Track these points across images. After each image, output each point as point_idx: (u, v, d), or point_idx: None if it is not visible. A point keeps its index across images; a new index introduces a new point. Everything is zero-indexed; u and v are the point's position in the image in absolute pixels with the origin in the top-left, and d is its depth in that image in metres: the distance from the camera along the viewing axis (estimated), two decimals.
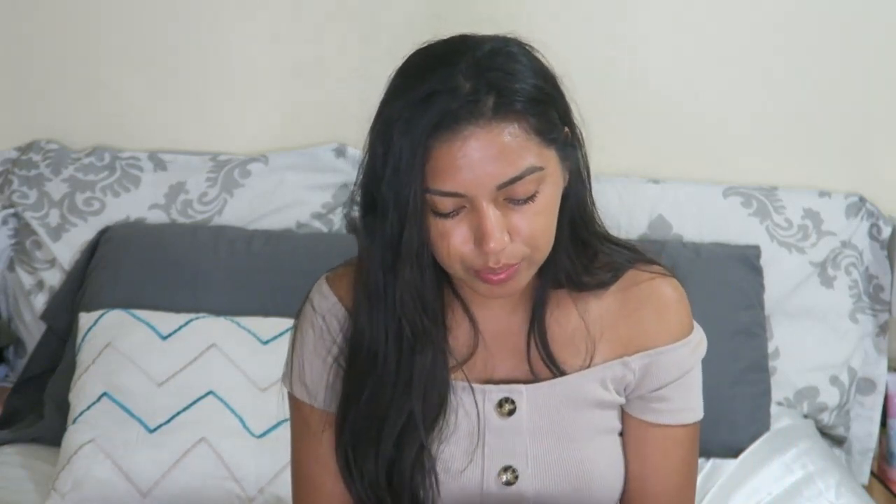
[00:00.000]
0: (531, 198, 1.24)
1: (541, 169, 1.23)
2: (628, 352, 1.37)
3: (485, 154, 1.20)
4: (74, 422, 2.10)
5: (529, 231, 1.24)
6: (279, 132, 2.55)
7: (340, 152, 2.50)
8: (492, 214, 1.22)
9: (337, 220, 2.46)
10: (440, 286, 1.33)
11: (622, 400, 1.39)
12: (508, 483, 1.36)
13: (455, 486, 1.35)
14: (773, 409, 2.34)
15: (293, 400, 1.43)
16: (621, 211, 2.36)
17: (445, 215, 1.23)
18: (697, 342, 1.39)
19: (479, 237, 1.23)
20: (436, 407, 1.33)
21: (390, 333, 1.31)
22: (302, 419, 1.42)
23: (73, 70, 2.54)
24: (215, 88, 2.55)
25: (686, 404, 1.38)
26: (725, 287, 2.34)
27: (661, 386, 1.37)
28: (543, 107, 1.24)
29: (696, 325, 1.40)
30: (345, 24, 2.50)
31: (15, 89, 2.56)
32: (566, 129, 1.29)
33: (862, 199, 2.48)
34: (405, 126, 1.21)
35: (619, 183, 2.45)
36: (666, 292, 1.38)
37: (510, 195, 1.23)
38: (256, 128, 2.56)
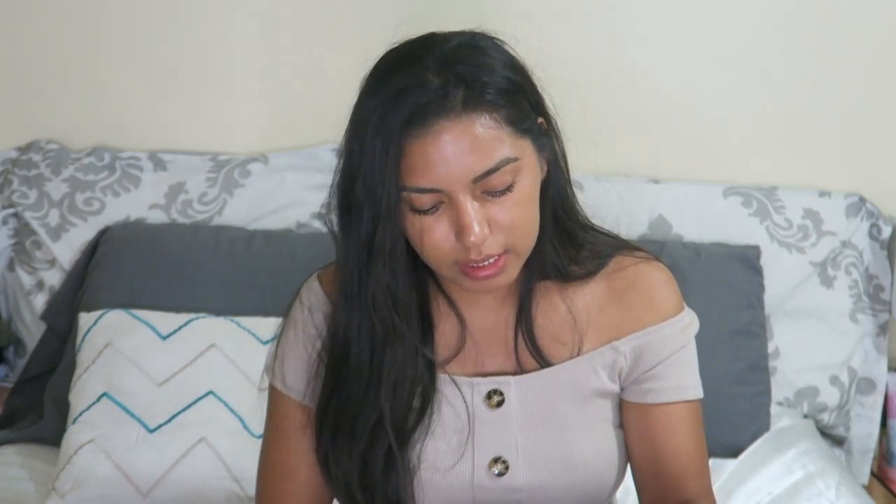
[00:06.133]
0: (508, 189, 1.24)
1: (515, 160, 1.24)
2: (618, 336, 1.38)
3: (458, 147, 1.21)
4: (74, 422, 2.10)
5: (509, 222, 1.25)
6: (279, 132, 2.56)
7: (340, 152, 2.49)
8: (470, 207, 1.23)
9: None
10: (418, 285, 1.34)
11: (616, 388, 1.39)
12: (500, 474, 1.36)
13: (447, 478, 1.35)
14: (773, 409, 2.34)
15: (273, 391, 1.44)
16: (621, 211, 2.39)
17: (424, 212, 1.24)
18: (688, 322, 1.40)
19: (459, 231, 1.23)
20: (408, 405, 1.33)
21: (363, 331, 1.32)
22: (280, 410, 1.42)
23: (73, 70, 2.54)
24: (215, 88, 2.55)
25: (682, 381, 1.38)
26: (725, 287, 2.34)
27: (654, 365, 1.37)
28: (514, 97, 1.25)
29: (686, 306, 1.41)
30: (345, 24, 2.50)
31: (15, 89, 2.56)
32: (540, 119, 1.29)
33: (862, 199, 2.48)
34: (377, 125, 1.23)
35: (619, 183, 2.45)
36: (652, 275, 1.39)
37: (487, 187, 1.23)
38: (256, 128, 2.56)
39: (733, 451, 2.22)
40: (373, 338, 1.32)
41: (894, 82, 2.51)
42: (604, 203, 1.41)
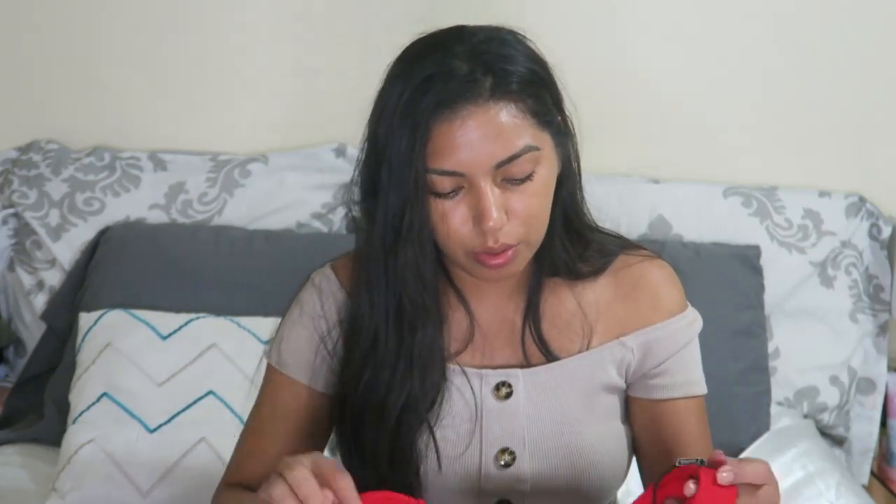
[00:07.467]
0: (528, 178, 1.27)
1: (537, 149, 1.26)
2: (625, 332, 1.40)
3: (483, 133, 1.23)
4: (74, 422, 2.10)
5: (526, 211, 1.27)
6: (279, 132, 2.56)
7: (340, 152, 2.50)
8: (490, 192, 1.25)
9: (337, 220, 2.47)
10: (439, 267, 1.35)
11: (623, 383, 1.41)
12: (507, 465, 1.38)
13: (454, 468, 1.37)
14: (773, 409, 2.34)
15: (268, 369, 1.45)
16: (621, 211, 2.40)
17: (445, 196, 1.26)
18: (693, 318, 1.43)
19: (478, 215, 1.25)
20: (434, 386, 1.35)
21: (391, 313, 1.34)
22: (271, 387, 1.43)
23: (73, 70, 2.54)
24: (215, 88, 2.55)
25: (688, 377, 1.41)
26: (725, 287, 2.34)
27: (661, 361, 1.40)
28: (538, 89, 1.27)
29: (688, 303, 1.43)
30: (345, 24, 2.50)
31: (15, 89, 2.56)
32: (559, 116, 1.31)
33: (862, 199, 2.48)
34: (405, 109, 1.24)
35: (619, 183, 2.45)
36: (655, 273, 1.42)
37: (508, 175, 1.25)
38: (256, 128, 2.56)
39: (733, 452, 2.22)
40: (401, 319, 1.33)
41: (894, 82, 2.51)
42: (604, 203, 1.42)
